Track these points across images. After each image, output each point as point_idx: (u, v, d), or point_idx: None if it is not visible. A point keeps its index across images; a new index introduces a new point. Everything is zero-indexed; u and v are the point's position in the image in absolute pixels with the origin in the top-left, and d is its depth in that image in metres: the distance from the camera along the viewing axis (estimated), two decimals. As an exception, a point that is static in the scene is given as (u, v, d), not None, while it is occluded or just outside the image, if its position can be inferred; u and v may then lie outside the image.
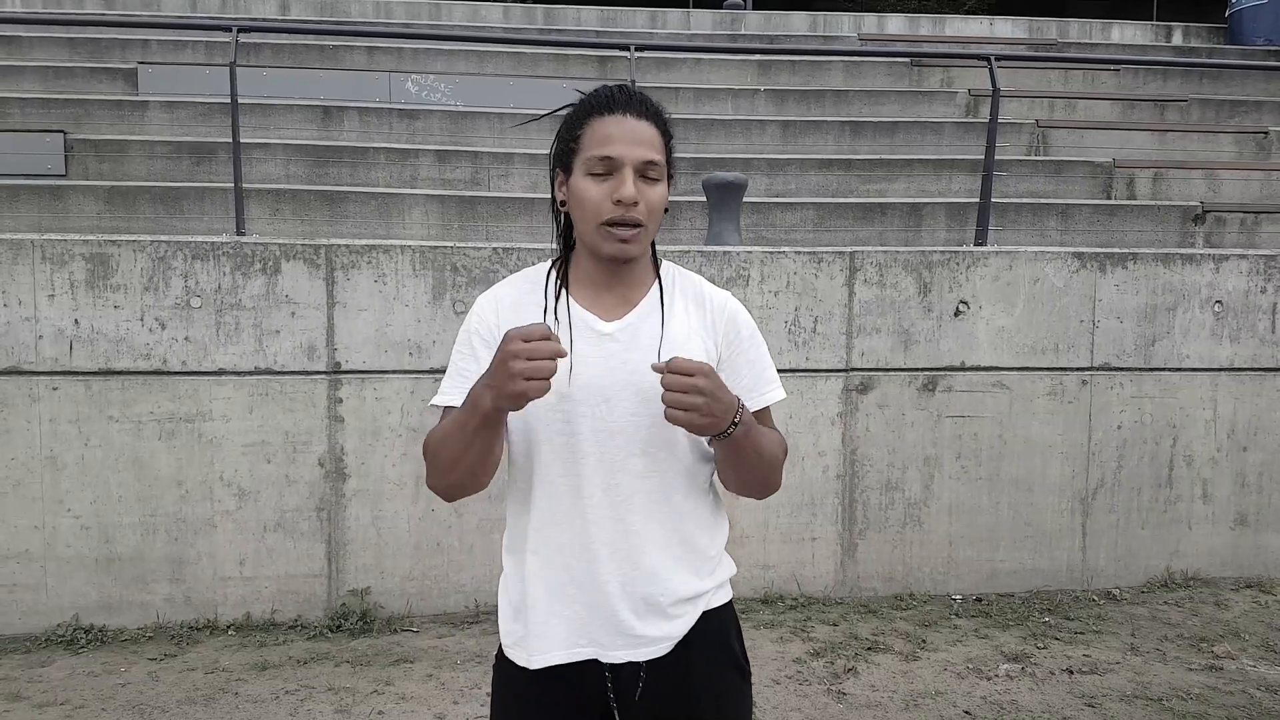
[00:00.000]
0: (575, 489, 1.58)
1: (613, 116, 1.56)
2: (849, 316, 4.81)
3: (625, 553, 1.58)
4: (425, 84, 8.49)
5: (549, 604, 1.60)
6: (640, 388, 1.57)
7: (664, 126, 1.62)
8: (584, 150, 1.57)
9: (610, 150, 1.54)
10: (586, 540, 1.58)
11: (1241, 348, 5.11)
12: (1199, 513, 5.15)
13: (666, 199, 1.61)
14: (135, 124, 7.51)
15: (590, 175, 1.55)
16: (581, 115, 1.59)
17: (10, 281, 4.25)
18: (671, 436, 1.60)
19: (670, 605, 1.60)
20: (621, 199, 1.52)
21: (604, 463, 1.57)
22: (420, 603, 4.61)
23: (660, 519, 1.60)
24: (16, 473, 4.30)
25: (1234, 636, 4.46)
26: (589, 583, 1.58)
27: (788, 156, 7.66)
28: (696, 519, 1.65)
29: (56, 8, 11.36)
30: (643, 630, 1.59)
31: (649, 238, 1.60)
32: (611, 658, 1.59)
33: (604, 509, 1.58)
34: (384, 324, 4.50)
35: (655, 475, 1.60)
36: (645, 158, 1.54)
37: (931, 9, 17.29)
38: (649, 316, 1.63)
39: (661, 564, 1.60)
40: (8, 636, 4.32)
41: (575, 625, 1.59)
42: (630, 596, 1.58)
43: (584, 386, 1.56)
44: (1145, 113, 9.18)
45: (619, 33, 11.34)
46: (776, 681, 3.94)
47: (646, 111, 1.59)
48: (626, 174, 1.53)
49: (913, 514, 4.92)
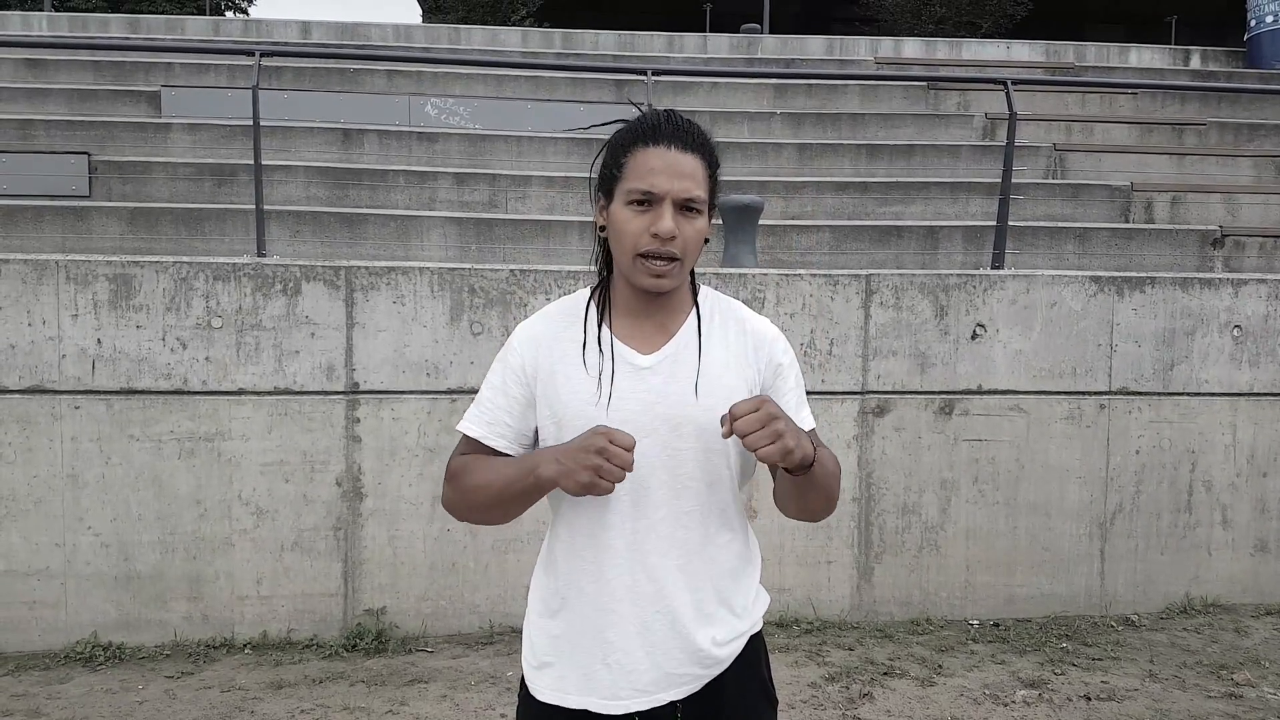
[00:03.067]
0: (615, 525, 1.56)
1: (657, 148, 1.53)
2: (865, 339, 4.82)
3: (659, 593, 1.56)
4: (444, 107, 8.58)
5: (592, 648, 1.58)
6: (676, 422, 1.55)
7: (710, 156, 1.59)
8: (626, 180, 1.55)
9: (651, 184, 1.51)
10: (631, 579, 1.56)
11: (1261, 372, 5.08)
12: (1218, 538, 5.10)
13: (708, 230, 1.59)
14: (158, 146, 7.61)
15: (630, 205, 1.54)
16: (627, 142, 1.57)
17: (35, 301, 4.31)
18: (710, 472, 1.59)
19: (709, 647, 1.59)
20: (659, 233, 1.51)
21: (639, 499, 1.56)
22: (435, 623, 4.62)
23: (697, 556, 1.58)
24: (38, 490, 4.34)
25: (1254, 664, 4.41)
26: (629, 627, 1.56)
27: (804, 179, 7.68)
28: (732, 554, 1.64)
29: (82, 31, 11.55)
30: (683, 670, 1.58)
31: (685, 271, 1.58)
32: (655, 700, 1.57)
33: (638, 547, 1.56)
34: (402, 345, 4.53)
35: (694, 512, 1.58)
36: (687, 194, 1.52)
37: (948, 32, 17.35)
38: (687, 346, 1.61)
39: (699, 605, 1.58)
40: (27, 653, 4.35)
41: (618, 672, 1.57)
42: (666, 638, 1.57)
43: (621, 423, 1.52)
44: (1163, 136, 9.16)
45: (636, 56, 11.43)
46: (792, 706, 3.92)
47: (692, 143, 1.56)
48: (665, 208, 1.51)
49: (929, 538, 4.90)
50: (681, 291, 1.65)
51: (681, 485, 1.57)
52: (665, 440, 1.56)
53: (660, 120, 1.56)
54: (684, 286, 1.65)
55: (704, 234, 1.57)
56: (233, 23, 12.65)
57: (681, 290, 1.65)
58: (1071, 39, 14.26)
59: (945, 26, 17.87)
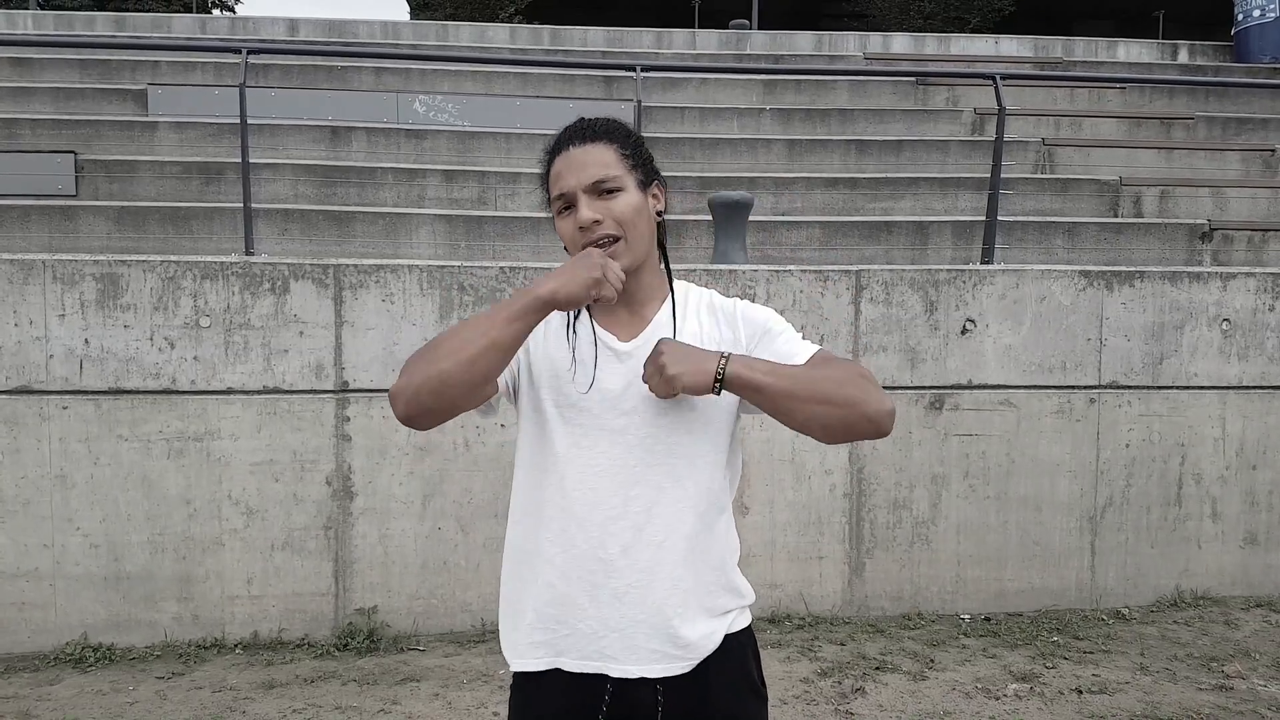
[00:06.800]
0: (593, 502, 1.59)
1: (561, 155, 1.61)
2: (855, 335, 4.82)
3: (643, 566, 1.58)
4: (433, 104, 8.55)
5: (561, 614, 1.60)
6: (655, 400, 1.59)
7: (619, 139, 1.63)
8: (550, 194, 1.65)
9: (560, 188, 1.60)
10: (604, 553, 1.58)
11: (1250, 366, 5.10)
12: (1208, 531, 5.12)
13: (644, 202, 1.62)
14: (145, 144, 7.57)
15: (560, 215, 1.62)
16: (545, 165, 1.66)
17: (21, 301, 4.28)
18: (691, 450, 1.61)
19: (681, 627, 1.59)
20: (581, 225, 1.57)
21: (622, 473, 1.59)
22: (427, 621, 4.61)
23: (679, 533, 1.60)
24: (26, 491, 4.32)
25: (1244, 656, 4.43)
26: (604, 596, 1.58)
27: (793, 175, 7.68)
28: (713, 535, 1.65)
29: (67, 30, 11.48)
30: (659, 646, 1.59)
31: (635, 248, 1.61)
32: (623, 671, 1.58)
33: (623, 521, 1.58)
34: (391, 343, 4.52)
35: (674, 488, 1.60)
36: (591, 179, 1.58)
37: (937, 28, 17.36)
38: (663, 329, 1.66)
39: (680, 579, 1.60)
40: (17, 655, 4.33)
41: (587, 638, 1.59)
42: (647, 611, 1.58)
43: (602, 402, 1.60)
44: (1151, 131, 9.19)
45: (625, 53, 11.41)
46: (784, 701, 3.93)
47: (593, 134, 1.62)
48: (580, 202, 1.58)
49: (920, 533, 4.91)
50: (656, 282, 1.70)
51: (660, 462, 1.60)
52: (646, 418, 1.60)
53: (563, 131, 1.66)
54: (655, 270, 1.70)
55: (638, 206, 1.60)
56: (220, 20, 12.58)
57: (656, 281, 1.70)
58: (1060, 34, 14.30)
59: (934, 22, 17.88)
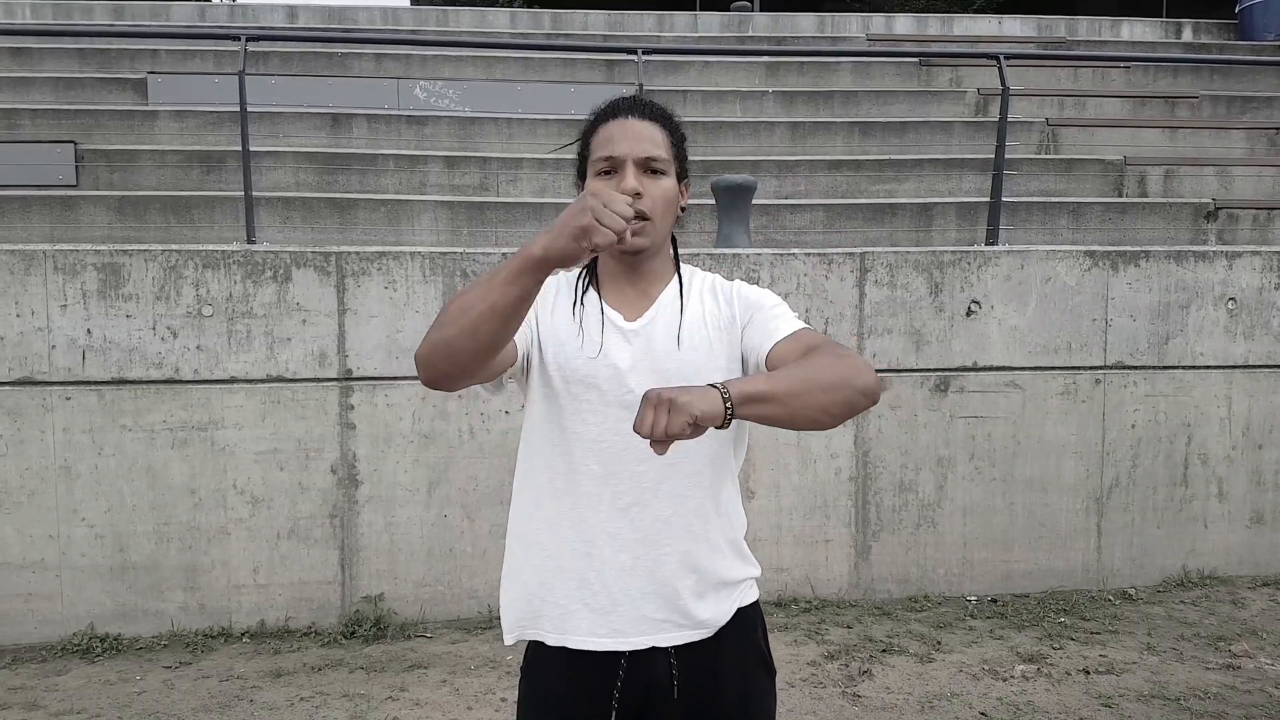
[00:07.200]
0: (601, 476, 1.60)
1: (615, 120, 1.63)
2: (860, 318, 4.80)
3: (651, 539, 1.60)
4: (433, 90, 8.51)
5: (568, 589, 1.62)
6: (662, 371, 1.61)
7: (670, 127, 1.68)
8: (592, 154, 1.65)
9: (612, 150, 1.60)
10: (611, 527, 1.60)
11: (1256, 345, 5.08)
12: (1215, 511, 5.11)
13: (677, 195, 1.66)
14: (145, 134, 7.54)
15: (598, 176, 1.63)
16: (591, 125, 1.68)
17: (23, 292, 4.27)
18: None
19: (690, 599, 1.61)
20: (624, 190, 1.57)
21: (630, 449, 1.59)
22: (434, 608, 4.61)
23: (686, 505, 1.62)
24: (31, 483, 4.32)
25: (1251, 635, 4.43)
26: (610, 571, 1.60)
27: (797, 158, 7.64)
28: (720, 508, 1.67)
29: (66, 19, 11.43)
30: (669, 616, 1.61)
31: (660, 230, 1.64)
32: (635, 644, 1.60)
33: (630, 496, 1.60)
34: (395, 330, 4.50)
35: (681, 462, 1.61)
36: (646, 153, 1.60)
37: (940, 8, 17.26)
38: (669, 308, 1.68)
39: (688, 552, 1.62)
40: (24, 645, 4.34)
41: (596, 613, 1.61)
42: (656, 584, 1.60)
43: (610, 378, 1.61)
44: (1156, 110, 9.13)
45: (627, 36, 11.34)
46: (791, 684, 3.93)
47: (650, 113, 1.66)
48: (628, 169, 1.59)
49: (926, 515, 4.90)
50: (663, 261, 1.72)
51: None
52: None
53: (618, 99, 1.69)
54: (665, 257, 1.72)
55: (672, 197, 1.64)
56: (219, 8, 12.53)
57: (663, 260, 1.72)
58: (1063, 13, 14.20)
59: (937, 3, 17.78)
